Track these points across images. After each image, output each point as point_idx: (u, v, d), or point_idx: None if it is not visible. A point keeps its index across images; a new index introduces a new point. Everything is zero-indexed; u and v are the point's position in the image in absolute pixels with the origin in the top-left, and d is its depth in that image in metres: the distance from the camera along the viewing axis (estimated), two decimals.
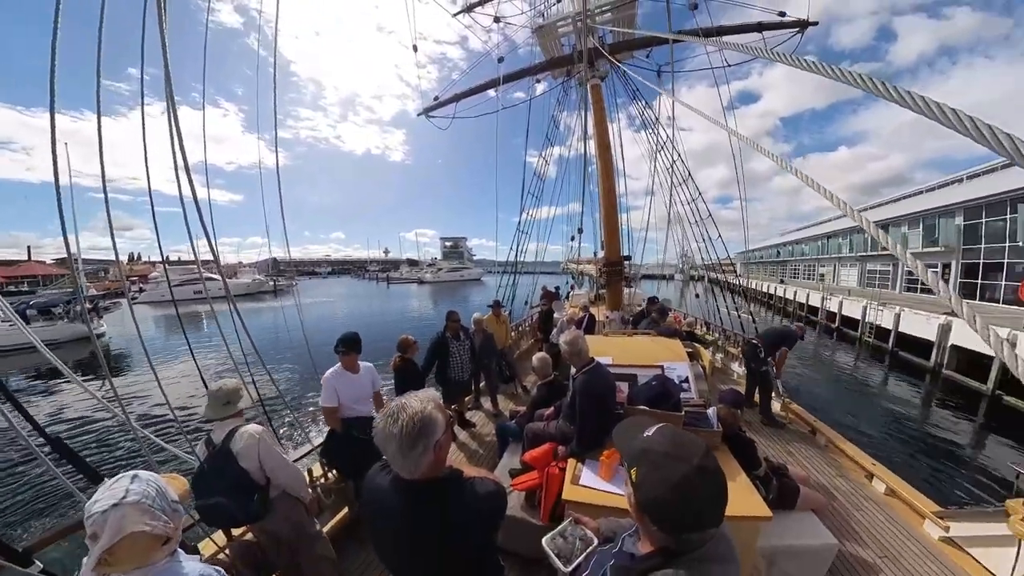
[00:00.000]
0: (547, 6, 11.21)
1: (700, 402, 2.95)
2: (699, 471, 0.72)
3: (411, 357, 3.77)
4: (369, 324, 22.29)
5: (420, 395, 1.06)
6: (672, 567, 0.73)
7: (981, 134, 0.67)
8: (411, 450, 0.96)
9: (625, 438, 0.90)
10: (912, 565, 2.50)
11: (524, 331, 9.41)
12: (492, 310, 6.09)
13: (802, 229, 39.05)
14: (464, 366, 4.31)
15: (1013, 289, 13.69)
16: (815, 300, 20.74)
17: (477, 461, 3.84)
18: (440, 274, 71.04)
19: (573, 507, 1.96)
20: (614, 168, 8.72)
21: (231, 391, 1.94)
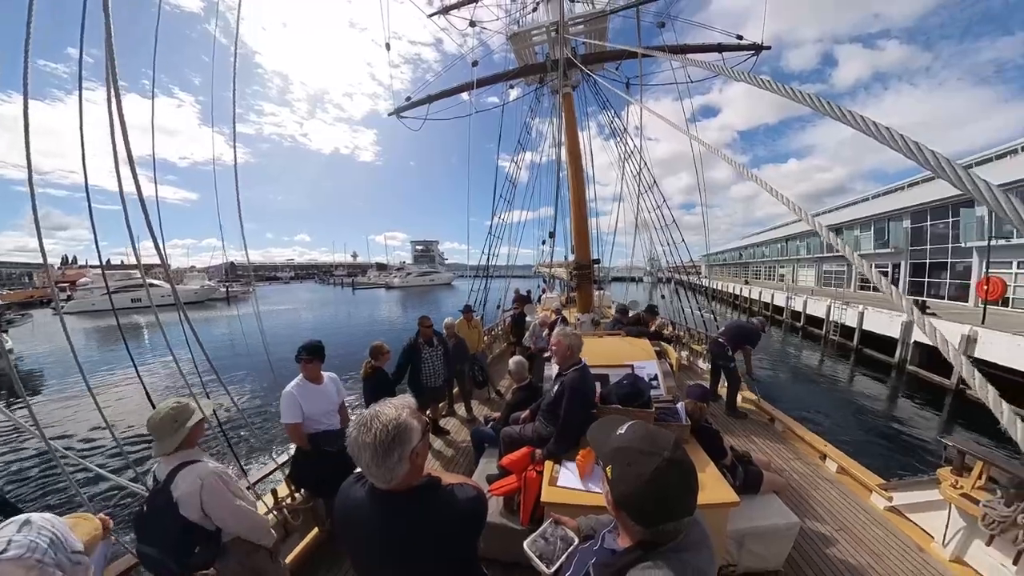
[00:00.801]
0: (522, 14, 11.44)
1: (669, 398, 3.08)
2: (670, 463, 0.76)
3: (382, 365, 3.64)
4: (334, 332, 21.02)
5: (394, 402, 1.02)
6: (651, 559, 0.76)
7: (910, 150, 0.76)
8: (386, 459, 0.92)
9: (599, 437, 0.92)
10: (863, 534, 2.75)
11: (497, 335, 9.40)
12: (464, 315, 6.05)
13: (762, 232, 41.37)
14: (437, 372, 4.22)
15: (957, 286, 15.17)
16: (780, 300, 21.24)
17: (454, 468, 3.77)
18: (409, 279, 69.20)
19: (552, 508, 1.95)
20: (584, 174, 8.96)
21: (172, 413, 1.60)
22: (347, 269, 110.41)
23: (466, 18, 11.55)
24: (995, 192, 0.62)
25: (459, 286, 65.19)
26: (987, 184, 0.63)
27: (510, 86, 11.44)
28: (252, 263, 35.88)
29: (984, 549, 2.41)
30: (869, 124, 0.84)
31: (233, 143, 2.81)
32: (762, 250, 38.70)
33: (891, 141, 0.79)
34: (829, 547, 2.62)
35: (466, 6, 11.38)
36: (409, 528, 0.99)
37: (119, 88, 1.69)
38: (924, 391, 10.04)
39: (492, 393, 5.81)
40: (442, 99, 11.16)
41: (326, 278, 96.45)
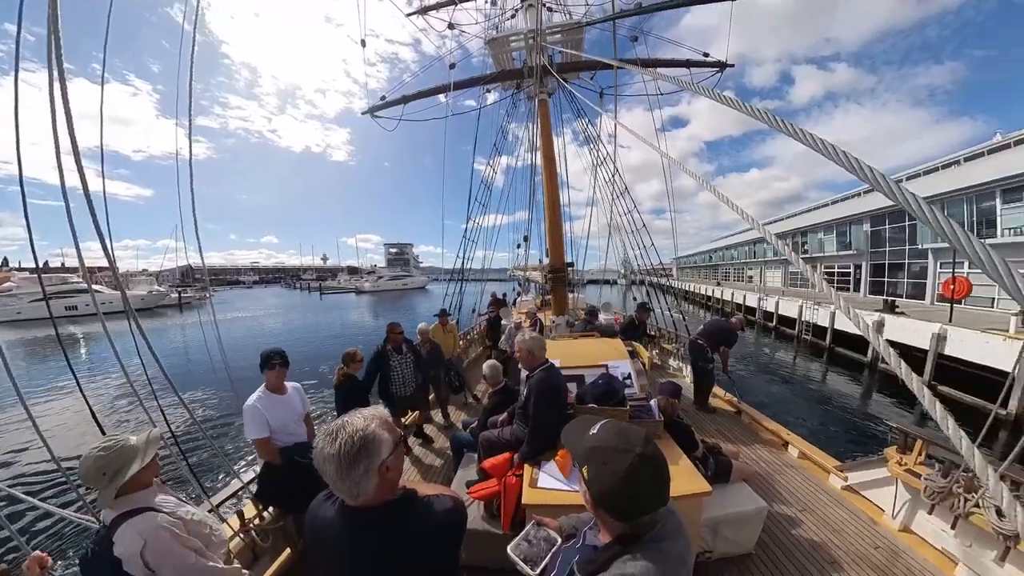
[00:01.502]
0: (501, 20, 11.55)
1: (642, 395, 3.19)
2: (642, 458, 0.79)
3: (354, 373, 3.54)
4: (300, 341, 19.46)
5: (365, 412, 0.98)
6: (631, 551, 0.79)
7: (850, 164, 0.83)
8: (350, 472, 0.88)
9: (573, 439, 0.93)
10: (824, 513, 2.99)
11: (473, 339, 9.35)
12: (439, 319, 5.99)
13: (731, 236, 42.99)
14: (407, 380, 4.08)
15: (914, 285, 16.34)
16: (752, 301, 21.59)
17: (432, 476, 3.71)
18: (381, 283, 66.34)
19: (534, 510, 1.97)
20: (559, 179, 9.13)
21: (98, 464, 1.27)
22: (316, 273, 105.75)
23: (445, 20, 11.54)
24: (920, 203, 0.69)
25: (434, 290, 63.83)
26: (914, 196, 0.71)
27: (487, 90, 11.52)
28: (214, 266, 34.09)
29: (927, 518, 2.70)
30: (816, 140, 0.91)
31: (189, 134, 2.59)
32: (731, 252, 40.52)
33: (834, 156, 0.87)
34: (795, 528, 2.82)
35: (445, 8, 11.38)
36: (382, 544, 0.94)
37: (64, 71, 1.56)
38: (894, 386, 10.12)
39: (469, 398, 5.77)
40: (418, 100, 11.04)
41: (293, 282, 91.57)
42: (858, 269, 19.98)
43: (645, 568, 0.76)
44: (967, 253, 0.63)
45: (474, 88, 11.15)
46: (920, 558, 2.53)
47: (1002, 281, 0.57)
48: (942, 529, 2.58)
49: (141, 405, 2.14)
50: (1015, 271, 0.58)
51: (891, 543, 2.66)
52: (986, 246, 0.60)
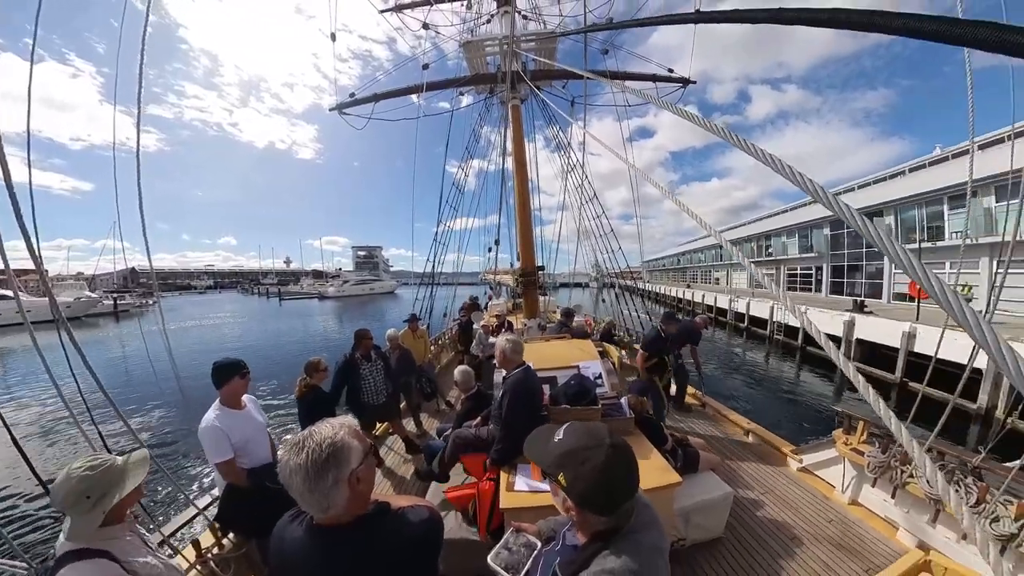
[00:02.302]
0: (476, 23, 11.58)
1: (613, 394, 3.27)
2: (613, 448, 0.83)
3: (318, 383, 3.34)
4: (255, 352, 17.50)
5: (333, 421, 0.94)
6: (609, 547, 0.81)
7: (795, 177, 0.91)
8: (319, 482, 0.84)
9: (537, 450, 0.94)
10: (783, 493, 3.26)
11: (444, 344, 9.22)
12: (409, 325, 5.85)
13: (698, 240, 44.72)
14: (378, 389, 3.93)
15: (870, 285, 17.67)
16: (723, 302, 22.17)
17: (406, 488, 3.59)
18: (346, 287, 62.54)
19: (512, 514, 1.97)
20: (530, 184, 9.26)
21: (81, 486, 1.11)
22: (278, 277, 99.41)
23: (420, 19, 11.43)
24: (854, 214, 0.77)
25: (403, 295, 62.02)
26: (848, 207, 0.79)
27: (460, 93, 11.49)
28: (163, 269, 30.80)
29: (871, 490, 2.99)
30: (765, 155, 0.99)
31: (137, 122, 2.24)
32: (698, 256, 42.37)
33: (781, 169, 0.95)
34: (759, 509, 3.04)
35: (420, 7, 11.26)
36: (354, 562, 0.90)
37: None
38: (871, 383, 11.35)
39: (442, 404, 5.66)
40: (390, 99, 10.79)
41: (251, 287, 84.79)
42: (819, 271, 21.61)
43: (624, 561, 0.78)
44: (891, 255, 0.70)
45: (447, 90, 11.10)
46: (868, 527, 2.81)
47: (918, 279, 0.65)
48: (884, 499, 2.89)
49: (78, 427, 1.92)
50: (930, 272, 0.65)
51: (843, 516, 2.94)
52: (907, 250, 0.68)
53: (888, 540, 2.68)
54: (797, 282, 23.99)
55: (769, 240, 27.29)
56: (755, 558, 2.52)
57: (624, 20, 7.75)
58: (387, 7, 11.12)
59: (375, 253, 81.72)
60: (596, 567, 0.79)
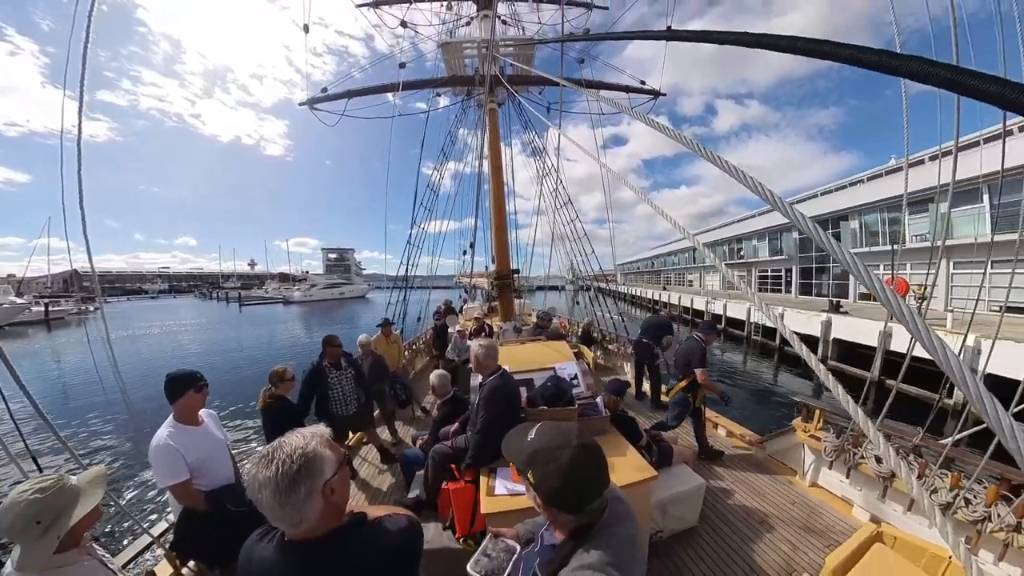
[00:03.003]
0: (456, 25, 11.53)
1: (588, 394, 3.34)
2: (580, 448, 0.85)
3: (283, 394, 3.15)
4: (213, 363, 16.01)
5: (303, 431, 0.91)
6: (586, 543, 0.84)
7: (754, 186, 0.99)
8: (291, 494, 0.80)
9: (512, 448, 0.95)
10: (752, 480, 3.48)
11: (419, 349, 9.06)
12: (381, 330, 5.71)
13: (671, 244, 46.13)
14: (348, 398, 3.75)
15: (837, 286, 18.80)
16: (699, 304, 22.40)
17: (381, 499, 3.49)
18: (314, 292, 58.97)
19: (493, 519, 1.96)
20: (506, 188, 9.33)
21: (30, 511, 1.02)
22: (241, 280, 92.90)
23: (398, 17, 11.25)
24: (807, 221, 0.85)
25: (376, 299, 59.94)
26: (802, 215, 0.87)
27: (437, 94, 11.41)
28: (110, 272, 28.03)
29: (829, 473, 3.30)
30: (729, 165, 1.07)
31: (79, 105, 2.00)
32: (672, 259, 43.88)
33: (743, 179, 1.02)
34: (729, 497, 3.23)
35: (399, 4, 11.09)
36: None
37: None
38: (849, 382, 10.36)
39: (417, 411, 5.56)
40: (364, 96, 10.49)
41: (209, 292, 78.48)
42: (789, 272, 23.08)
43: (601, 555, 0.81)
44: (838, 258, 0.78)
45: (424, 90, 10.98)
46: (827, 506, 3.10)
47: (863, 280, 0.73)
48: (840, 480, 3.21)
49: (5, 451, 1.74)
50: (872, 273, 0.73)
51: (805, 498, 3.20)
52: (850, 253, 0.76)
53: (845, 517, 2.95)
54: (768, 283, 25.44)
55: (741, 243, 28.80)
56: (729, 543, 2.68)
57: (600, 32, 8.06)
58: (364, 2, 10.88)
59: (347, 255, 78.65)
60: (575, 563, 0.81)
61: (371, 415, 4.29)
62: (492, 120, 8.97)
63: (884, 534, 1.82)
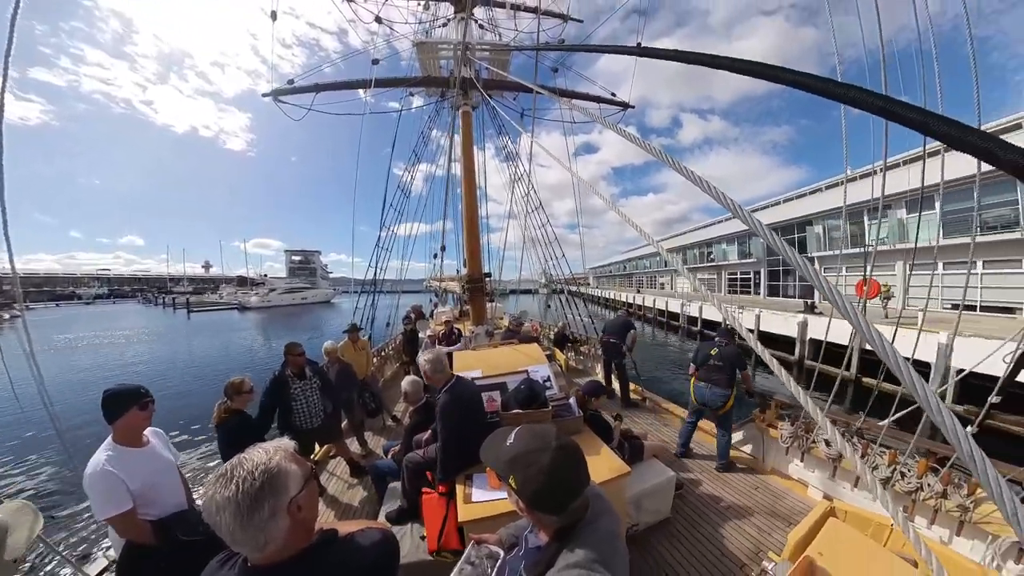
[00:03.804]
0: (432, 25, 11.39)
1: (562, 396, 3.39)
2: (559, 449, 0.87)
3: (241, 407, 2.94)
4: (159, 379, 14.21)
5: (266, 445, 0.85)
6: (571, 542, 0.85)
7: (716, 194, 1.06)
8: (253, 515, 0.74)
9: (491, 455, 0.95)
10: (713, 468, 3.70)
11: (388, 355, 8.82)
12: (348, 336, 5.49)
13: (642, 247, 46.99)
14: (313, 409, 3.56)
15: (803, 288, 19.69)
16: (674, 307, 22.42)
17: (353, 515, 3.34)
18: (273, 296, 54.38)
19: (473, 526, 1.94)
20: (478, 191, 9.32)
21: None
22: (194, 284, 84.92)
23: (373, 12, 10.97)
24: (765, 228, 0.92)
25: (342, 304, 57.39)
26: (760, 222, 0.94)
27: (411, 93, 11.23)
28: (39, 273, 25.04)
29: (785, 458, 3.62)
30: (694, 175, 1.13)
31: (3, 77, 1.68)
32: (644, 262, 45.17)
33: (706, 188, 1.09)
34: (698, 487, 3.41)
35: None
36: None
37: None
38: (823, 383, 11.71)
39: (388, 420, 5.39)
40: (334, 91, 10.06)
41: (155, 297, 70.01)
42: (757, 275, 24.41)
43: (586, 553, 0.82)
44: (790, 260, 0.85)
45: (396, 89, 10.75)
46: (785, 489, 3.36)
47: (812, 280, 0.80)
48: (795, 464, 3.53)
49: None
50: (823, 277, 0.81)
51: (766, 483, 3.44)
52: (802, 257, 0.83)
53: (802, 497, 3.23)
54: (737, 285, 26.82)
55: (711, 247, 30.18)
56: (700, 531, 2.83)
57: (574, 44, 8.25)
58: None
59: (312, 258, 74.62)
60: (561, 563, 0.82)
61: (339, 426, 4.10)
62: (466, 123, 8.96)
63: (836, 509, 1.99)
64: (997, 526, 2.32)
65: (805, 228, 20.73)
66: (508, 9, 11.41)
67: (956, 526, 2.49)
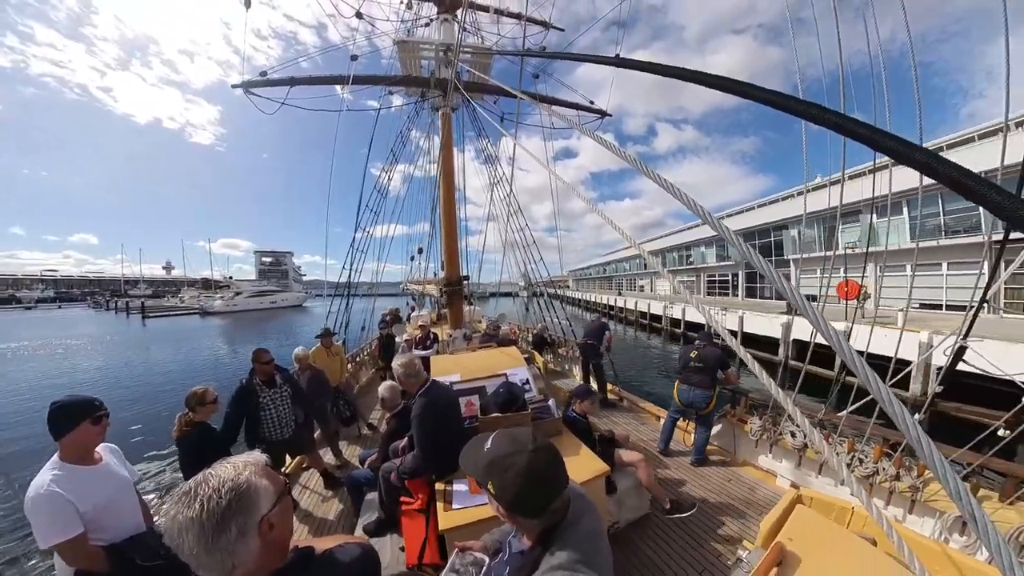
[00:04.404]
0: (415, 24, 11.21)
1: (540, 398, 3.41)
2: (536, 451, 0.87)
3: (205, 419, 2.73)
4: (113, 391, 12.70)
5: (235, 460, 0.79)
6: (554, 544, 0.85)
7: (687, 201, 1.10)
8: (219, 537, 0.68)
9: (470, 461, 0.94)
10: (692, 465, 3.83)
11: (363, 361, 8.58)
12: (321, 341, 5.31)
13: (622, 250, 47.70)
14: (283, 419, 3.39)
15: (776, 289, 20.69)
16: (657, 309, 22.35)
17: (329, 529, 3.20)
18: (239, 300, 50.54)
19: (455, 534, 1.91)
20: (457, 193, 9.26)
21: None
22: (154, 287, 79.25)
23: (354, 7, 10.63)
24: (732, 234, 0.96)
25: (314, 308, 54.75)
26: (727, 228, 0.98)
27: (390, 92, 10.99)
28: None
29: (755, 450, 3.80)
30: (667, 183, 1.17)
31: None
32: (623, 265, 46.02)
33: (678, 195, 1.13)
34: (675, 482, 3.54)
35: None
36: None
37: None
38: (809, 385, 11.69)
39: (363, 428, 5.23)
40: (310, 86, 9.65)
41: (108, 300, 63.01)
42: (735, 276, 25.51)
43: (569, 554, 0.82)
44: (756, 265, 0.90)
45: (375, 88, 10.47)
46: (756, 479, 3.55)
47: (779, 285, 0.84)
48: (764, 456, 3.72)
49: None
50: (783, 280, 0.86)
51: (738, 475, 3.64)
52: (767, 262, 0.88)
53: (772, 487, 3.43)
54: (716, 287, 27.94)
55: (690, 250, 31.26)
56: (679, 525, 2.94)
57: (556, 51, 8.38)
58: None
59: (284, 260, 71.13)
60: (545, 566, 0.82)
61: (311, 436, 3.93)
62: (446, 124, 8.93)
63: (803, 497, 2.11)
64: (944, 503, 2.56)
65: (781, 231, 21.66)
66: (492, 14, 11.50)
67: (908, 505, 2.73)
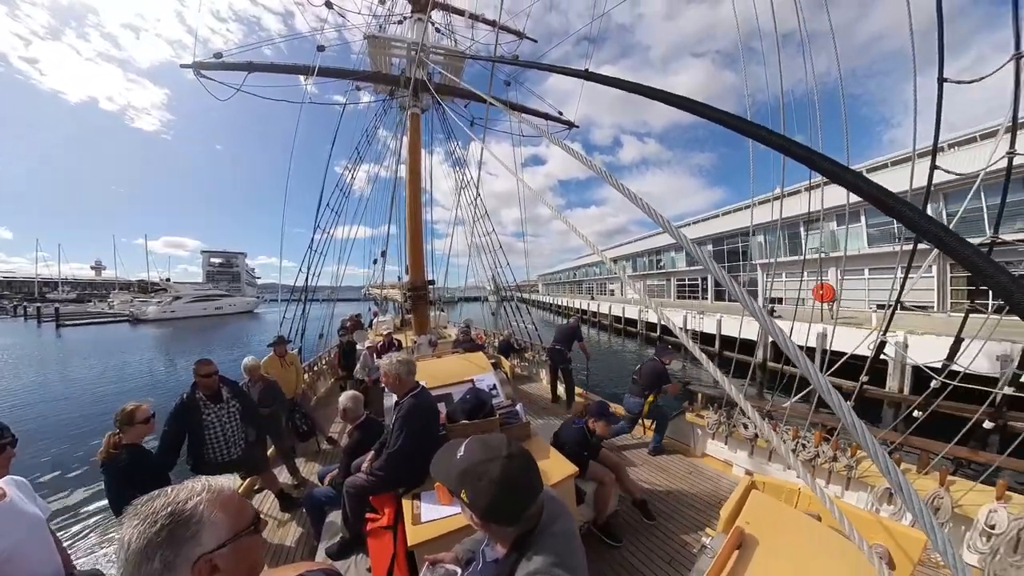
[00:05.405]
0: (387, 21, 10.90)
1: (508, 403, 3.40)
2: (510, 458, 0.86)
3: (137, 441, 2.40)
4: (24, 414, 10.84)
5: (208, 480, 0.71)
6: (530, 549, 0.84)
7: (649, 209, 1.15)
8: (142, 565, 0.59)
9: (442, 469, 0.93)
10: (656, 460, 4.09)
11: (321, 371, 8.15)
12: (275, 350, 4.99)
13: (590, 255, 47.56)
14: (231, 439, 3.11)
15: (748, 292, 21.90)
16: (632, 313, 22.49)
17: (287, 557, 2.97)
18: (177, 306, 44.96)
19: (424, 548, 1.84)
20: (424, 196, 9.09)
21: None
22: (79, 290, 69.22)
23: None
24: (690, 243, 1.02)
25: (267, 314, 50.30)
26: (686, 236, 1.04)
27: (357, 87, 10.59)
28: None
29: (713, 443, 4.07)
30: (630, 193, 1.23)
31: None
32: (594, 269, 47.02)
33: (641, 205, 1.18)
34: (640, 478, 3.70)
35: None
36: None
37: None
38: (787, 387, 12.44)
39: (322, 443, 4.94)
40: (270, 73, 8.96)
41: (17, 306, 53.64)
42: (704, 280, 27.01)
43: (544, 558, 0.81)
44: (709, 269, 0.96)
45: (341, 81, 10.06)
46: (714, 470, 3.81)
47: (729, 287, 0.91)
48: (721, 447, 4.02)
49: None
50: (739, 285, 0.92)
51: (698, 467, 3.89)
52: (722, 268, 0.95)
53: (729, 475, 3.72)
54: (686, 290, 29.35)
55: (660, 255, 32.62)
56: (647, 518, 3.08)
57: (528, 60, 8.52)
58: None
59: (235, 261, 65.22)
60: (522, 572, 0.81)
61: (264, 455, 3.65)
62: (414, 125, 8.80)
63: (756, 482, 2.28)
64: (874, 478, 2.91)
65: (748, 238, 23.08)
66: (466, 18, 11.54)
67: (845, 483, 3.05)
